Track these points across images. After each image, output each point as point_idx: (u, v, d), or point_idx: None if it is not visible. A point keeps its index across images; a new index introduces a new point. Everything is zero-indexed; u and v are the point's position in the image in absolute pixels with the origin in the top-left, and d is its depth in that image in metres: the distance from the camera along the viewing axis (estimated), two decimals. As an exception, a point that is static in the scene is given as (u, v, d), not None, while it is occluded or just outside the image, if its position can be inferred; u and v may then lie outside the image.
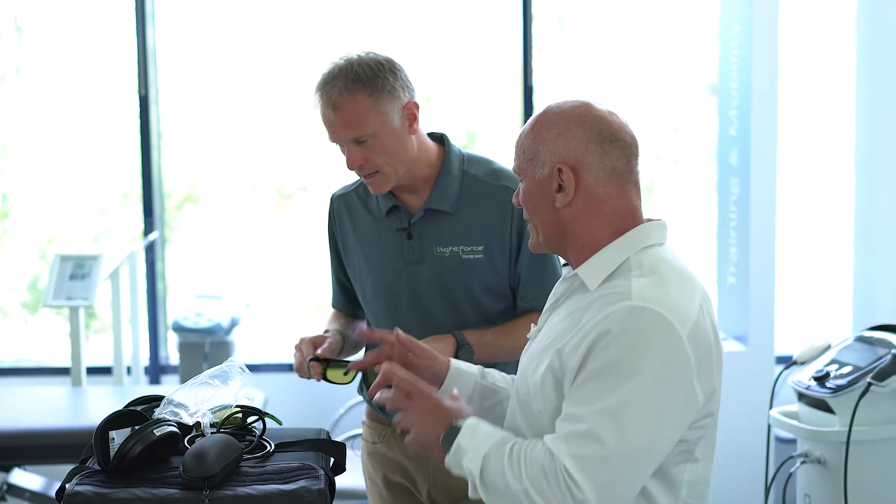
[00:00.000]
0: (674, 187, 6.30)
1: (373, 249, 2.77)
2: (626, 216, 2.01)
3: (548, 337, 2.03)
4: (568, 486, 1.82)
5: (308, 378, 2.62)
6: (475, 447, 1.94)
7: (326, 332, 2.79)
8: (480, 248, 2.69)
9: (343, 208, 2.85)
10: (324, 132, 2.68)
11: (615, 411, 1.83)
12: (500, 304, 2.75)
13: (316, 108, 2.63)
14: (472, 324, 2.71)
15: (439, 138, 2.79)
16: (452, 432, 1.98)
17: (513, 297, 2.77)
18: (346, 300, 2.94)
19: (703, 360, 1.91)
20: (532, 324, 2.19)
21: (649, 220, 2.06)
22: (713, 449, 2.04)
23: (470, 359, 2.58)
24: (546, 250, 2.10)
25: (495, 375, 2.29)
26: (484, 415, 2.16)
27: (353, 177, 2.91)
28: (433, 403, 2.03)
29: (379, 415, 2.85)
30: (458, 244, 2.70)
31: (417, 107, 2.65)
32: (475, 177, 2.73)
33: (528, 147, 2.04)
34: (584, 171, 1.98)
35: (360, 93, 2.56)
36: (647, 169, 6.28)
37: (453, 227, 2.71)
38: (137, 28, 5.24)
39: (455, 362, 2.25)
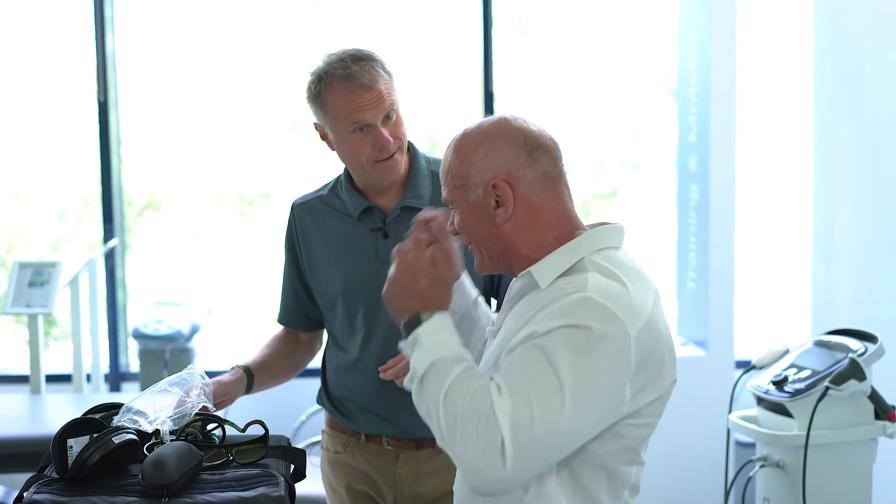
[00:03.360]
0: (635, 193, 6.33)
1: (344, 252, 2.76)
2: (564, 219, 2.04)
3: (505, 338, 2.03)
4: (499, 455, 1.82)
5: None
6: (431, 348, 1.94)
7: (234, 367, 2.80)
8: (456, 245, 2.71)
9: (306, 215, 2.84)
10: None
11: (554, 391, 1.83)
12: None
13: (335, 95, 2.61)
14: None
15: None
16: (415, 322, 1.98)
17: (492, 293, 2.79)
18: (299, 314, 2.92)
19: (646, 362, 1.92)
20: (490, 324, 2.20)
21: (606, 223, 2.08)
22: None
23: None
24: (492, 271, 2.11)
25: (484, 310, 2.31)
26: None
27: (319, 182, 2.91)
28: (428, 274, 2.03)
29: (343, 423, 2.85)
30: None
31: None
32: None
33: (455, 173, 2.06)
34: (518, 182, 2.01)
35: (381, 70, 2.64)
36: (612, 175, 6.31)
37: None
38: (97, 33, 5.21)
39: (464, 275, 2.26)
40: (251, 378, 2.80)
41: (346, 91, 2.60)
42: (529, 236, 2.02)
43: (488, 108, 5.26)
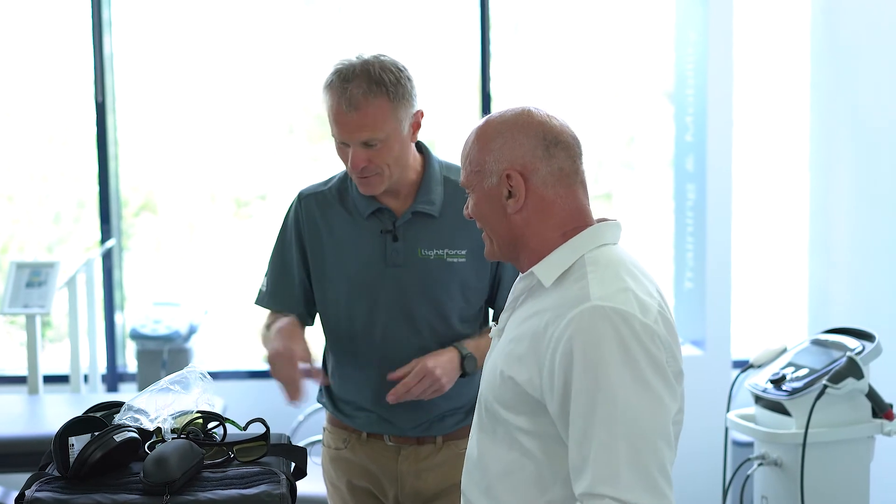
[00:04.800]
0: (632, 194, 6.34)
1: (351, 251, 2.75)
2: (576, 216, 2.05)
3: (510, 340, 2.04)
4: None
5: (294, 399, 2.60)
6: None
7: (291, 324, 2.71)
8: (464, 252, 2.71)
9: (315, 207, 2.80)
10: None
11: (633, 431, 1.85)
12: (476, 308, 2.77)
13: (326, 100, 2.60)
14: (450, 326, 2.72)
15: (416, 145, 2.79)
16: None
17: (489, 301, 2.79)
18: (304, 306, 2.87)
19: (669, 348, 1.94)
20: (493, 323, 2.21)
21: (604, 220, 2.10)
22: None
23: (473, 368, 2.65)
24: (501, 258, 2.14)
25: None
26: None
27: (314, 179, 2.91)
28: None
29: (344, 421, 2.85)
30: (442, 247, 2.71)
31: (422, 115, 2.68)
32: (457, 182, 2.74)
33: (473, 159, 2.08)
34: (532, 175, 2.02)
35: (383, 97, 2.56)
36: (608, 176, 6.32)
37: (438, 231, 2.72)
38: (94, 35, 5.21)
39: None
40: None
41: (334, 103, 2.58)
42: (538, 230, 2.04)
43: (485, 109, 5.26)
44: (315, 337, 2.95)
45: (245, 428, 2.29)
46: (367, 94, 2.54)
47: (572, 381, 1.88)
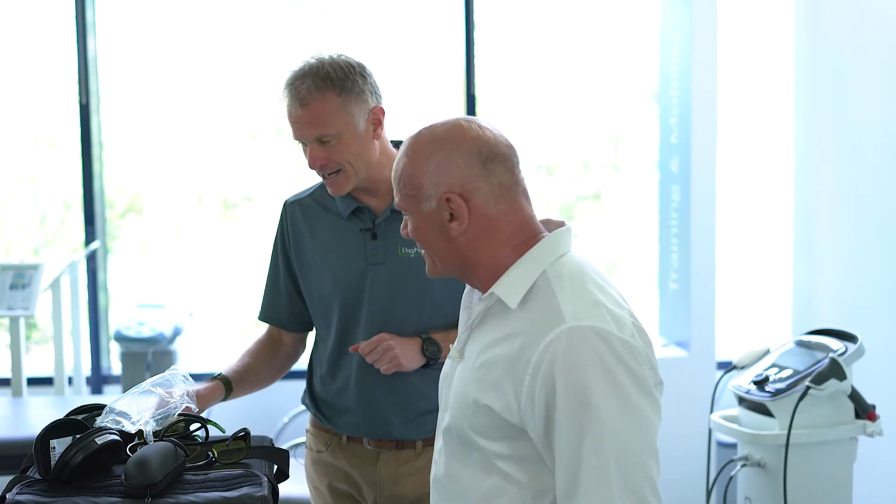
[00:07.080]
0: (617, 195, 6.35)
1: (333, 251, 2.76)
2: (524, 228, 1.97)
3: (479, 366, 1.97)
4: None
5: None
6: None
7: (214, 377, 2.76)
8: None
9: (298, 213, 2.83)
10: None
11: (621, 454, 1.83)
12: (458, 307, 2.75)
13: (282, 102, 2.64)
14: (431, 325, 2.71)
15: (399, 144, 2.79)
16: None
17: None
18: (291, 314, 2.89)
19: (650, 359, 1.91)
20: (450, 345, 2.16)
21: (549, 220, 2.03)
22: None
23: (437, 354, 2.65)
24: (444, 276, 2.05)
25: None
26: None
27: (303, 185, 2.91)
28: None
29: (323, 424, 2.85)
30: None
31: (383, 112, 2.68)
32: None
33: (408, 181, 1.98)
34: (473, 195, 1.93)
35: (329, 92, 2.59)
36: (595, 178, 6.33)
37: None
38: (78, 36, 5.20)
39: None
40: (229, 389, 2.77)
41: (287, 103, 2.63)
42: (487, 249, 1.96)
43: (470, 110, 5.26)
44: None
45: (230, 439, 2.28)
46: (314, 89, 2.58)
47: (556, 407, 1.83)
